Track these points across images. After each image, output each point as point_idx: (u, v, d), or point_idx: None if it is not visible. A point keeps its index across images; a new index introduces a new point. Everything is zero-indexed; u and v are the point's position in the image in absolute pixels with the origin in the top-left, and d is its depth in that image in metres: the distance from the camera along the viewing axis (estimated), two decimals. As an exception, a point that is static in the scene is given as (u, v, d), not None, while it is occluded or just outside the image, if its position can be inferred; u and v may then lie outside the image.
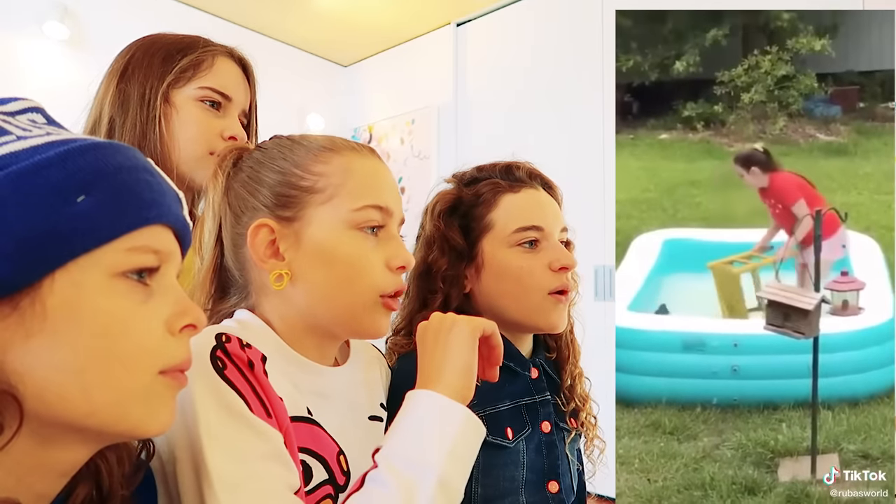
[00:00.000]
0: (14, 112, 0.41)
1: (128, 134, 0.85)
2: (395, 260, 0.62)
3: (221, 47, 0.93)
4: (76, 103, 0.89)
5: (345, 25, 3.16)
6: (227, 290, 0.66)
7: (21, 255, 0.35)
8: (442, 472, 0.50)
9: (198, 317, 0.43)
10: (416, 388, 0.57)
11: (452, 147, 3.06)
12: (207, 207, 0.66)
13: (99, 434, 0.40)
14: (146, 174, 0.42)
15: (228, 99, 0.91)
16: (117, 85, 0.87)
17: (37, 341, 0.36)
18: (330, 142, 0.64)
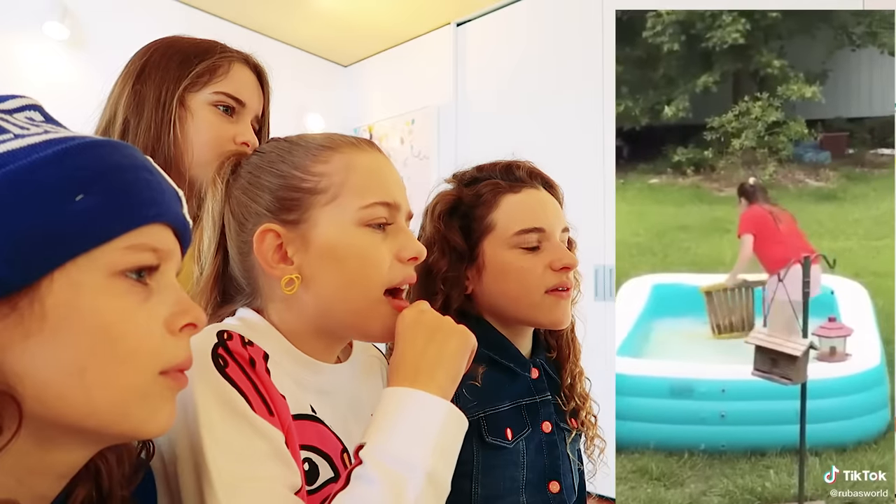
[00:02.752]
0: (11, 110, 0.41)
1: (142, 135, 0.86)
2: (406, 251, 0.60)
3: (238, 53, 0.93)
4: (76, 103, 0.89)
5: (345, 25, 3.16)
6: (231, 298, 0.65)
7: (19, 255, 0.34)
8: (429, 467, 0.50)
9: (198, 316, 0.43)
10: (399, 382, 0.55)
11: (452, 147, 3.06)
12: (207, 216, 0.64)
13: (99, 435, 0.40)
14: (145, 172, 0.41)
15: (242, 105, 0.91)
16: (133, 86, 0.88)
17: (36, 342, 0.35)
18: (328, 140, 0.63)
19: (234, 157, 0.66)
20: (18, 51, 2.40)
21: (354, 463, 0.51)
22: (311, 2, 2.94)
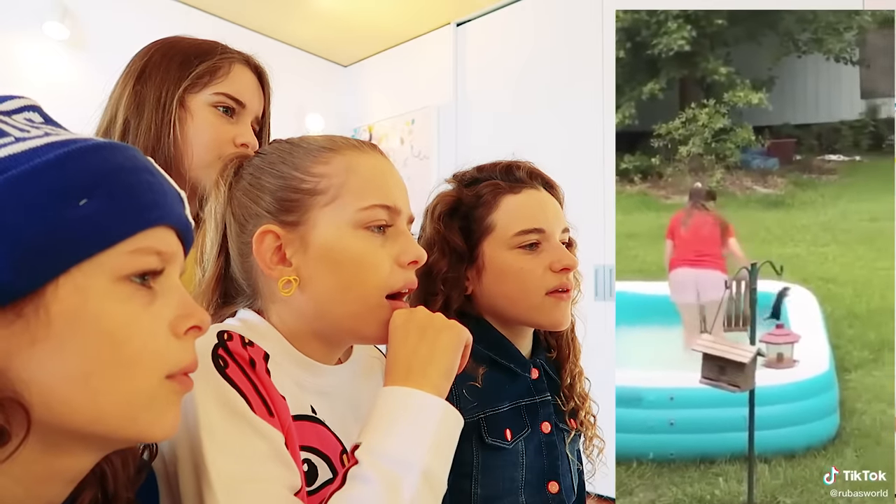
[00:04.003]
0: (10, 111, 0.40)
1: (142, 136, 0.86)
2: (405, 255, 0.60)
3: (238, 54, 0.93)
4: (76, 103, 0.89)
5: (345, 25, 3.16)
6: (232, 299, 0.65)
7: (24, 261, 0.34)
8: (425, 466, 0.50)
9: (202, 318, 0.42)
10: (393, 381, 0.55)
11: (452, 147, 3.06)
12: (209, 217, 0.64)
13: (106, 440, 0.39)
14: (147, 174, 0.41)
15: (243, 106, 0.91)
16: (133, 86, 0.87)
17: (42, 348, 0.35)
18: (330, 141, 0.63)
19: (236, 159, 0.65)
20: (18, 51, 2.40)
21: (350, 463, 0.51)
22: (311, 2, 2.94)
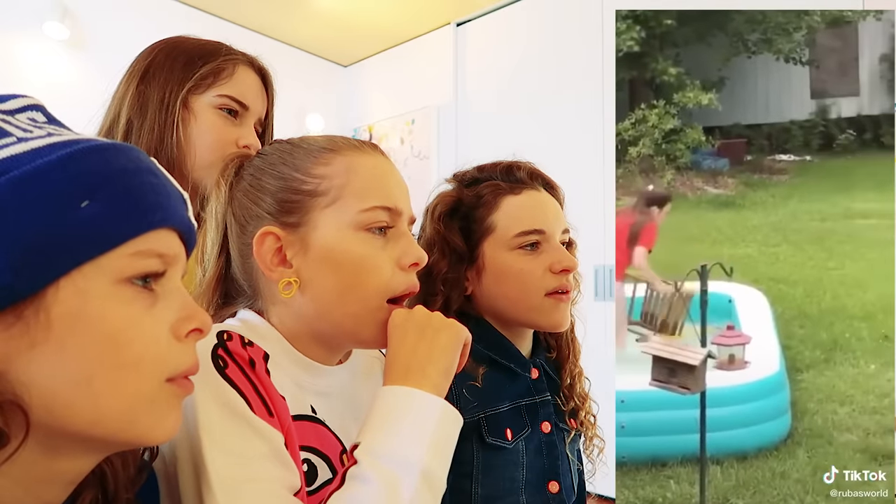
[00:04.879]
0: (13, 110, 0.40)
1: (145, 136, 0.85)
2: (406, 257, 0.60)
3: (243, 56, 0.93)
4: (76, 103, 0.89)
5: (345, 25, 3.16)
6: (233, 299, 0.65)
7: (24, 263, 0.34)
8: (425, 465, 0.50)
9: (204, 321, 0.42)
10: (392, 380, 0.55)
11: (452, 147, 3.06)
12: (210, 218, 0.64)
13: (106, 443, 0.39)
14: (150, 176, 0.41)
15: (246, 108, 0.91)
16: (137, 87, 0.87)
17: (42, 351, 0.35)
18: (330, 142, 0.62)
19: (237, 159, 0.65)
20: (18, 51, 2.40)
21: (349, 462, 0.51)
22: (311, 2, 2.94)
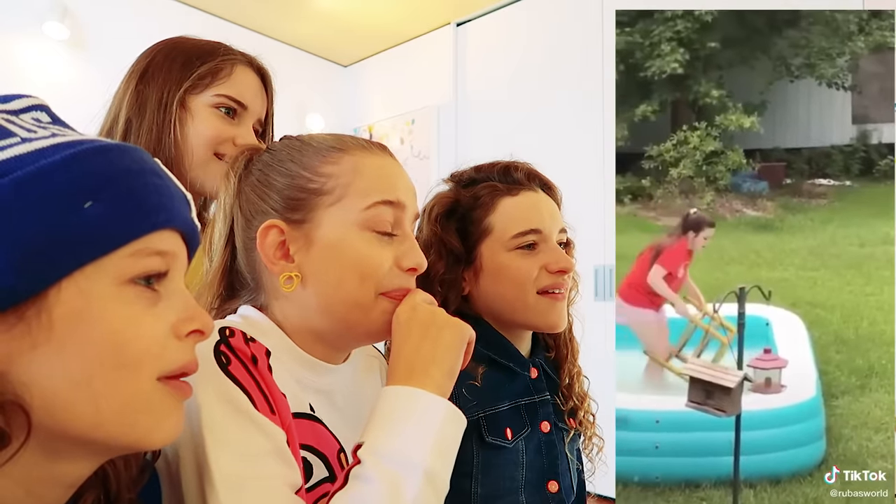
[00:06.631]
0: (18, 110, 0.40)
1: (144, 136, 0.86)
2: (406, 260, 0.60)
3: (241, 56, 0.93)
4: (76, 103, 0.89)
5: (345, 25, 3.16)
6: (237, 292, 0.65)
7: (26, 264, 0.34)
8: (428, 466, 0.50)
9: (205, 323, 0.42)
10: (396, 380, 0.55)
11: (452, 147, 3.06)
12: (218, 209, 0.65)
13: (106, 446, 0.39)
14: (154, 177, 0.41)
15: (244, 107, 0.91)
16: (136, 86, 0.88)
17: (43, 352, 0.35)
18: (339, 141, 0.63)
19: (248, 152, 0.66)
20: (18, 51, 2.40)
21: (352, 462, 0.51)
22: (311, 2, 2.94)
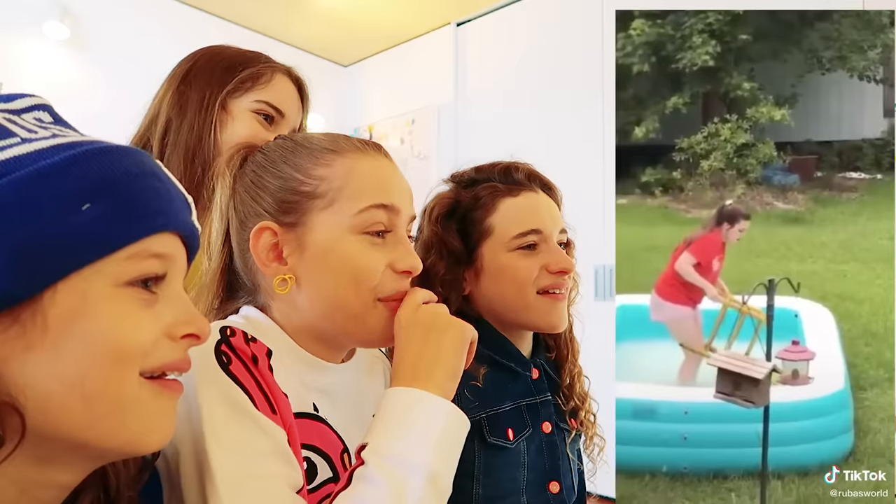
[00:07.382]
0: (20, 110, 0.40)
1: (184, 136, 0.88)
2: (401, 263, 0.59)
3: (281, 66, 0.96)
4: (76, 103, 0.89)
5: (345, 25, 3.16)
6: (236, 292, 0.65)
7: (22, 266, 0.33)
8: (431, 468, 0.50)
9: (202, 328, 0.42)
10: (399, 382, 0.55)
11: (452, 147, 3.06)
12: (215, 208, 0.64)
13: (99, 450, 0.39)
14: (154, 180, 0.40)
15: (282, 115, 0.93)
16: (178, 87, 0.91)
17: (38, 353, 0.35)
18: (333, 142, 0.62)
19: (243, 150, 0.65)
20: (18, 51, 2.40)
21: (356, 463, 0.51)
22: (311, 2, 2.94)
